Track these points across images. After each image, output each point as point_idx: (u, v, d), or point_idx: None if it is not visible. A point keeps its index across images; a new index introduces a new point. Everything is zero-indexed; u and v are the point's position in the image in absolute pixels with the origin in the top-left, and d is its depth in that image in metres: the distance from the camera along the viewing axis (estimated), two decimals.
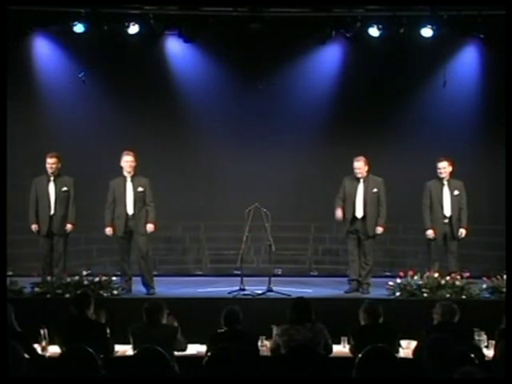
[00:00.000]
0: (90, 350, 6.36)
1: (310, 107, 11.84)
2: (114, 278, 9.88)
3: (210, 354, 6.76)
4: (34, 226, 10.20)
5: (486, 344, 7.53)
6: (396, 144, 11.76)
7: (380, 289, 10.03)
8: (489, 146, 11.67)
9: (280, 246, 10.69)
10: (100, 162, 11.49)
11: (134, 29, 10.99)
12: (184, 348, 7.25)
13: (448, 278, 9.75)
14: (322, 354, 6.91)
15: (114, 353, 7.21)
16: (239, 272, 10.18)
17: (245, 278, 10.03)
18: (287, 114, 11.84)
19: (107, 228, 10.18)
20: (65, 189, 10.23)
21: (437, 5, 10.63)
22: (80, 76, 11.31)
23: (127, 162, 10.09)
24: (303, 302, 7.35)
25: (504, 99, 9.19)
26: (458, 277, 9.78)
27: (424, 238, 10.52)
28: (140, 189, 10.12)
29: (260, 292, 9.88)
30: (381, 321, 7.28)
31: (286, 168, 11.83)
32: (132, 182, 10.14)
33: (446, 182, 10.35)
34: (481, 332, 7.56)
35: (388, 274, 11.12)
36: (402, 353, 7.35)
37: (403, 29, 10.90)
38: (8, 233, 8.08)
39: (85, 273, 9.87)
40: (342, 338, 7.63)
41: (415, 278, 9.80)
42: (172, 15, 11.04)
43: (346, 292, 10.21)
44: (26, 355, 6.67)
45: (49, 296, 9.55)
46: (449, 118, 11.72)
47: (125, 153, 10.16)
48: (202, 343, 7.33)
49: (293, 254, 11.91)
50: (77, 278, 9.73)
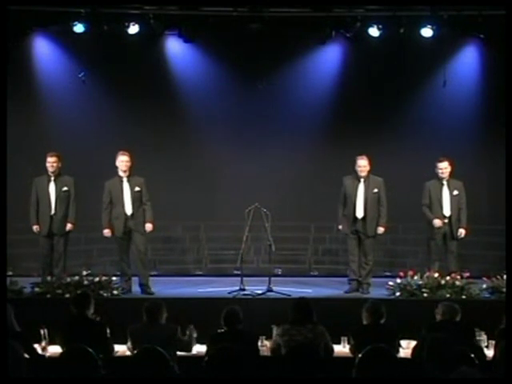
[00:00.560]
0: (90, 349, 6.36)
1: (310, 107, 11.84)
2: (114, 278, 9.88)
3: (210, 353, 6.76)
4: (35, 227, 10.20)
5: (486, 344, 7.54)
6: (396, 144, 11.76)
7: (380, 289, 10.03)
8: (489, 146, 11.68)
9: (280, 246, 10.69)
10: (100, 162, 11.46)
11: (133, 29, 10.99)
12: (188, 348, 7.24)
13: (448, 278, 9.75)
14: (322, 354, 6.91)
15: (113, 353, 7.22)
16: (239, 272, 10.18)
17: (245, 278, 10.03)
18: (287, 114, 11.84)
19: (105, 230, 10.18)
20: (65, 188, 10.24)
21: (437, 5, 10.63)
22: (80, 76, 11.30)
23: (123, 162, 10.07)
24: (304, 303, 7.34)
25: (504, 99, 9.19)
26: (458, 277, 9.78)
27: (424, 238, 10.54)
28: (137, 188, 10.12)
29: (260, 292, 9.87)
30: (382, 321, 7.28)
31: (285, 168, 11.83)
32: (128, 182, 10.12)
33: (445, 182, 10.36)
34: (481, 332, 7.57)
35: (388, 273, 11.12)
36: (402, 353, 7.36)
37: (403, 29, 10.90)
38: (8, 233, 8.08)
39: (85, 273, 9.86)
40: (342, 338, 7.64)
41: (415, 277, 9.80)
42: (172, 15, 11.04)
43: (346, 292, 10.21)
44: (26, 355, 6.69)
45: (49, 296, 9.55)
46: (449, 118, 11.72)
47: (120, 153, 10.14)
48: (202, 343, 7.33)
49: (293, 254, 11.91)
50: (77, 278, 9.72)
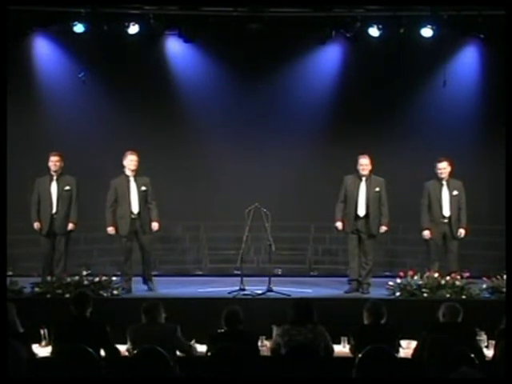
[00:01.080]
0: (90, 349, 6.37)
1: (309, 107, 11.84)
2: (114, 278, 9.88)
3: (210, 353, 6.76)
4: (36, 224, 10.22)
5: (486, 344, 7.55)
6: (396, 144, 11.76)
7: (380, 289, 10.03)
8: (489, 146, 11.67)
9: (280, 246, 10.69)
10: (100, 162, 11.49)
11: (133, 29, 10.99)
12: (189, 350, 7.22)
13: (448, 278, 9.76)
14: (322, 354, 6.91)
15: (118, 351, 7.20)
16: (239, 272, 10.18)
17: (245, 278, 10.03)
18: (287, 113, 11.83)
19: (109, 227, 10.19)
20: (67, 188, 10.27)
21: (437, 5, 10.64)
22: (80, 76, 11.30)
23: (132, 161, 10.13)
24: (304, 303, 7.34)
25: (504, 99, 9.19)
26: (458, 277, 9.79)
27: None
28: (143, 188, 10.19)
29: (260, 292, 9.87)
30: (383, 321, 7.28)
31: (285, 168, 11.83)
32: (135, 181, 10.19)
33: (445, 183, 10.36)
34: (481, 332, 7.58)
35: (388, 273, 11.11)
36: (402, 353, 7.35)
37: (403, 29, 10.90)
38: (8, 233, 8.08)
39: (85, 273, 9.86)
40: (342, 338, 7.64)
41: (415, 277, 9.80)
42: (172, 15, 11.04)
43: (346, 292, 10.20)
44: (26, 355, 6.70)
45: (49, 296, 9.55)
46: (449, 118, 11.72)
47: (129, 152, 10.19)
48: (201, 343, 7.33)
49: (293, 254, 11.91)
50: (77, 278, 9.72)
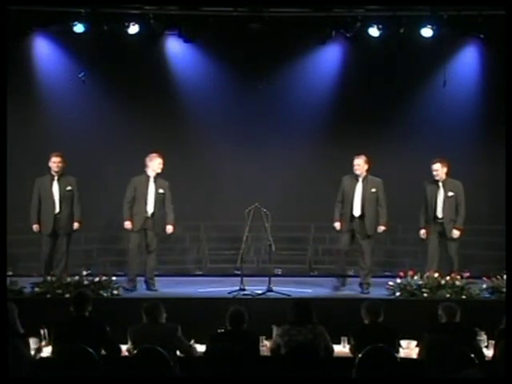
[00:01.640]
0: (90, 349, 6.37)
1: (310, 107, 11.84)
2: (114, 278, 9.88)
3: (210, 353, 6.76)
4: (35, 226, 10.26)
5: (486, 344, 7.54)
6: (396, 144, 11.76)
7: (380, 289, 10.04)
8: (489, 146, 11.67)
9: (280, 245, 10.70)
10: (100, 162, 11.50)
11: (133, 29, 10.99)
12: (189, 350, 7.22)
13: (448, 278, 9.76)
14: (322, 354, 6.92)
15: (119, 349, 7.21)
16: (239, 272, 10.18)
17: (245, 278, 10.03)
18: (287, 114, 11.83)
19: (127, 221, 10.29)
20: (69, 188, 10.37)
21: (437, 5, 10.63)
22: (80, 76, 11.29)
23: (160, 165, 10.33)
24: (304, 303, 7.36)
25: (504, 99, 9.19)
26: (458, 277, 9.79)
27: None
28: (161, 190, 10.35)
29: (260, 292, 9.88)
30: (380, 320, 7.30)
31: (286, 168, 11.83)
32: (155, 182, 10.34)
33: (441, 184, 10.37)
34: (481, 332, 7.57)
35: (388, 273, 11.11)
36: (402, 353, 7.35)
37: (403, 29, 10.89)
38: (8, 233, 8.08)
39: (85, 273, 9.87)
40: (342, 338, 7.64)
41: (415, 277, 9.81)
42: (172, 15, 11.03)
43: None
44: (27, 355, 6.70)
45: (49, 296, 9.55)
46: (449, 118, 11.71)
47: (156, 155, 10.36)
48: (202, 343, 7.33)
49: (293, 254, 11.90)
50: (77, 278, 9.74)
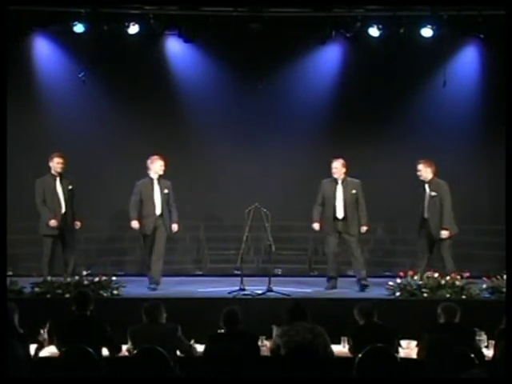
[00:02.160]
0: (90, 349, 6.36)
1: (310, 107, 11.83)
2: (114, 278, 9.88)
3: (209, 353, 6.76)
4: (52, 221, 10.30)
5: (486, 344, 7.54)
6: (396, 144, 11.76)
7: (380, 289, 10.04)
8: (489, 146, 11.67)
9: (280, 245, 10.70)
10: (100, 162, 11.50)
11: (134, 29, 10.99)
12: (189, 350, 7.23)
13: (448, 277, 9.76)
14: (321, 354, 6.92)
15: (120, 348, 7.23)
16: (239, 272, 10.18)
17: (245, 278, 10.03)
18: (287, 114, 11.83)
19: (134, 221, 10.40)
20: (70, 187, 10.44)
21: (437, 5, 10.63)
22: (80, 76, 11.30)
23: (162, 167, 10.50)
24: (295, 304, 7.46)
25: (504, 99, 9.19)
26: (458, 277, 9.79)
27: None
28: (165, 191, 10.52)
29: (260, 292, 9.87)
30: (374, 319, 7.34)
31: (286, 168, 11.83)
32: (159, 183, 10.51)
33: (426, 185, 10.39)
34: (481, 332, 7.57)
35: (388, 273, 11.12)
36: (402, 353, 7.36)
37: (403, 29, 10.89)
38: (8, 233, 8.08)
39: (85, 273, 9.88)
40: (342, 338, 7.64)
41: (415, 277, 9.81)
42: (172, 15, 11.03)
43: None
44: (26, 355, 6.70)
45: (49, 296, 9.55)
46: (449, 118, 11.71)
47: (157, 157, 10.49)
48: (201, 343, 7.33)
49: (293, 254, 11.91)
50: (77, 277, 9.74)
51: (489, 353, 7.28)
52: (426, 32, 10.93)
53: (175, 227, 10.62)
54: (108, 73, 11.60)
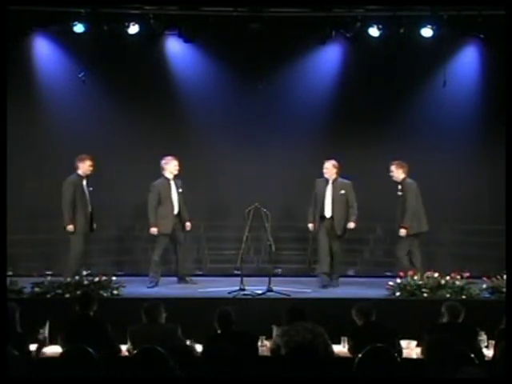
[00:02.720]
0: (90, 349, 6.36)
1: (310, 107, 11.84)
2: (114, 278, 9.89)
3: (207, 354, 6.75)
4: (70, 227, 10.46)
5: (486, 344, 7.54)
6: (396, 144, 11.75)
7: (380, 289, 10.04)
8: (489, 146, 11.67)
9: (280, 246, 10.70)
10: (100, 162, 11.47)
11: (133, 29, 10.99)
12: (189, 350, 7.23)
13: (448, 277, 9.76)
14: (321, 354, 6.92)
15: (120, 351, 7.23)
16: (239, 272, 10.18)
17: (245, 278, 10.04)
18: (287, 113, 11.83)
19: (154, 228, 10.61)
20: (91, 188, 10.70)
21: (437, 5, 10.64)
22: (80, 76, 11.30)
23: (176, 167, 10.75)
24: (292, 305, 7.53)
25: (504, 99, 9.19)
26: (458, 276, 9.79)
27: (421, 238, 10.58)
28: (180, 190, 10.78)
29: (260, 292, 9.88)
30: (373, 319, 7.36)
31: (286, 168, 11.83)
32: (175, 183, 10.75)
33: (399, 186, 10.52)
34: (481, 332, 7.57)
35: (388, 273, 11.12)
36: (402, 353, 7.35)
37: (403, 29, 10.90)
38: (8, 233, 8.08)
39: (85, 273, 9.88)
40: (342, 338, 7.64)
41: (415, 277, 9.82)
42: (172, 15, 11.04)
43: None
44: (24, 356, 6.69)
45: (49, 296, 9.56)
46: (449, 118, 11.71)
47: (171, 158, 10.75)
48: (201, 343, 7.32)
49: (293, 254, 11.91)
50: (77, 277, 9.74)
51: (489, 353, 7.28)
52: (426, 32, 10.94)
53: (189, 225, 10.86)
54: (108, 73, 11.60)
